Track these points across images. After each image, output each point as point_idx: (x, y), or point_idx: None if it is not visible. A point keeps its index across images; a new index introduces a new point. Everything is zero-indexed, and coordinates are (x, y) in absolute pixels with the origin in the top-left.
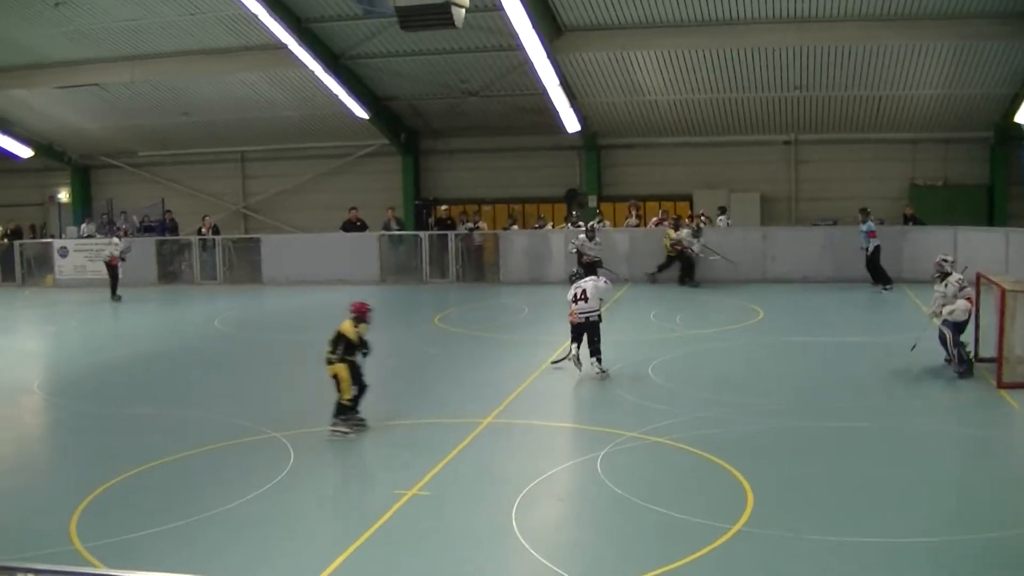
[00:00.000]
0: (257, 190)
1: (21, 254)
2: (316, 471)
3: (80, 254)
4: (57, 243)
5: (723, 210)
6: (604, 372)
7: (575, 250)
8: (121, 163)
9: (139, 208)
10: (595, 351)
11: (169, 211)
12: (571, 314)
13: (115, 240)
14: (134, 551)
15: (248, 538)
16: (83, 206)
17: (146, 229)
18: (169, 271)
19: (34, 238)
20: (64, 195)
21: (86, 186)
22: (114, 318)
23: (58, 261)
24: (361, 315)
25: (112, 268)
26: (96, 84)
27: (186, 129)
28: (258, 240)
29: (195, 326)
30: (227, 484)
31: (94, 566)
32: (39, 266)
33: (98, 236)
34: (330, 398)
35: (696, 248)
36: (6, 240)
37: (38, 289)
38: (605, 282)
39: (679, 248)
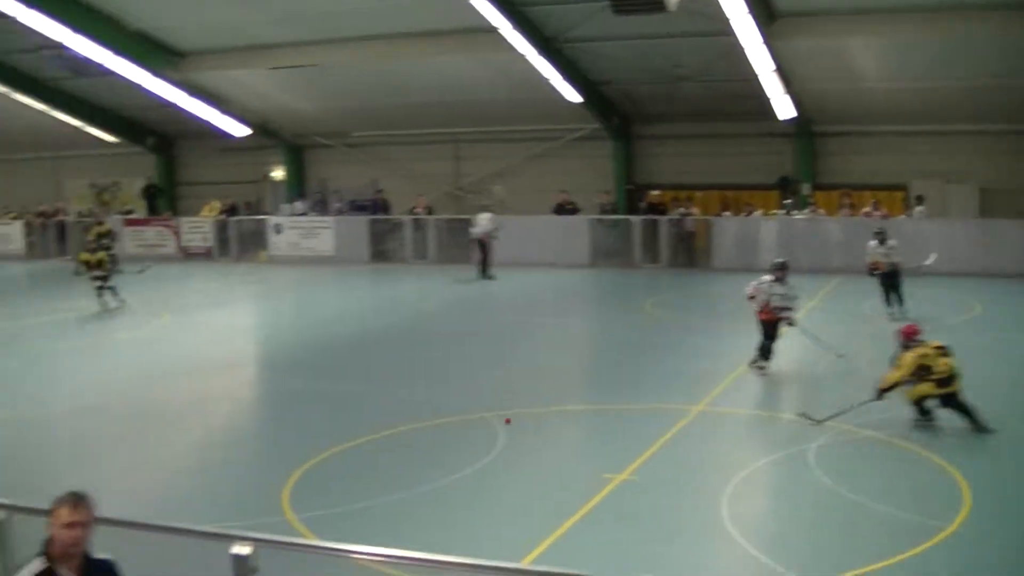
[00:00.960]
0: (469, 172)
1: (237, 230)
2: (526, 452)
3: (294, 231)
4: (272, 220)
5: (920, 200)
6: (763, 368)
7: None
8: (335, 143)
9: (351, 187)
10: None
11: (381, 190)
12: (763, 311)
13: (483, 217)
14: (344, 524)
15: (456, 516)
16: (297, 184)
17: (358, 208)
18: (380, 250)
19: (249, 215)
20: (278, 174)
21: (300, 165)
22: (326, 296)
23: (272, 238)
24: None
25: (483, 245)
26: (310, 65)
27: (399, 110)
28: (470, 221)
29: (406, 305)
30: (437, 462)
31: (305, 537)
32: (253, 242)
33: (311, 215)
34: (539, 381)
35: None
36: (223, 216)
37: (252, 265)
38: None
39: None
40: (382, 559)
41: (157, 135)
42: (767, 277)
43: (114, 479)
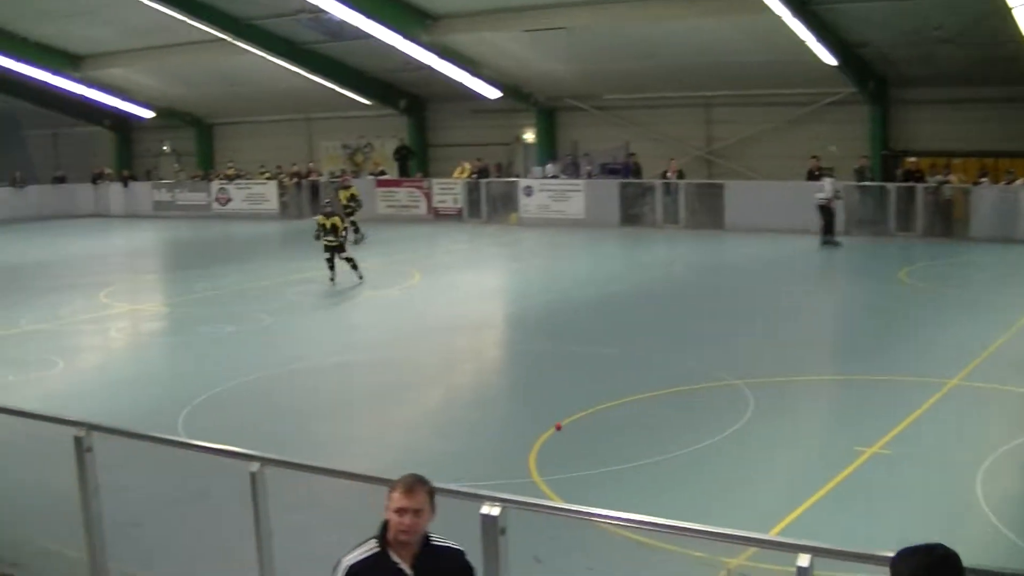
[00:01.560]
0: (721, 135)
1: (487, 192)
2: (775, 421)
3: (544, 194)
4: (522, 183)
5: None
6: None
7: None
8: (586, 106)
9: (602, 151)
10: None
11: (633, 154)
12: None
13: (826, 181)
14: (589, 488)
15: (703, 484)
16: (548, 147)
17: (609, 171)
18: (631, 213)
19: (499, 177)
20: (529, 136)
21: (551, 127)
22: (575, 258)
23: (522, 200)
24: None
25: (827, 210)
26: (562, 28)
27: (651, 73)
28: (721, 186)
29: (656, 269)
30: (683, 429)
31: (552, 500)
32: (504, 204)
33: (562, 177)
34: (786, 349)
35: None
36: (474, 178)
37: (502, 226)
38: None
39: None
40: (629, 524)
41: (409, 97)
42: None
43: (364, 434)
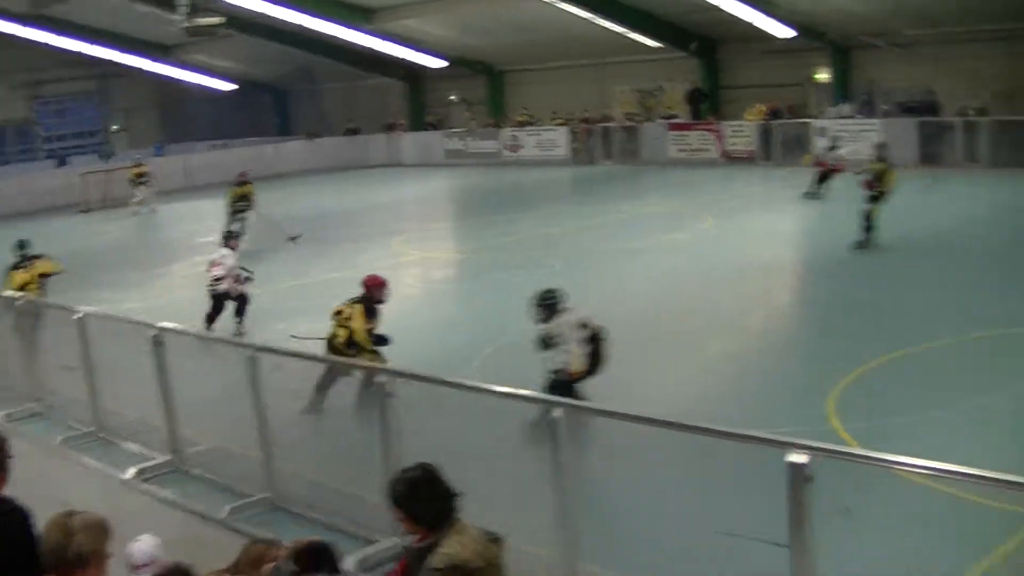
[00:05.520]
0: None
1: (780, 134)
2: None
3: (840, 135)
4: (816, 124)
5: None
6: None
7: None
8: (883, 43)
9: (900, 89)
10: None
11: (933, 91)
12: None
13: None
14: (890, 436)
15: (1005, 435)
16: (843, 87)
17: (907, 110)
18: (930, 152)
19: (792, 118)
20: (823, 76)
21: (846, 67)
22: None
23: (818, 141)
24: None
25: None
26: None
27: (949, 4)
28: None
29: (951, 214)
30: (983, 378)
31: (852, 447)
32: (797, 146)
33: (857, 118)
34: None
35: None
36: (766, 119)
37: (795, 169)
38: None
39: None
40: (934, 473)
41: (700, 39)
42: None
43: (658, 378)
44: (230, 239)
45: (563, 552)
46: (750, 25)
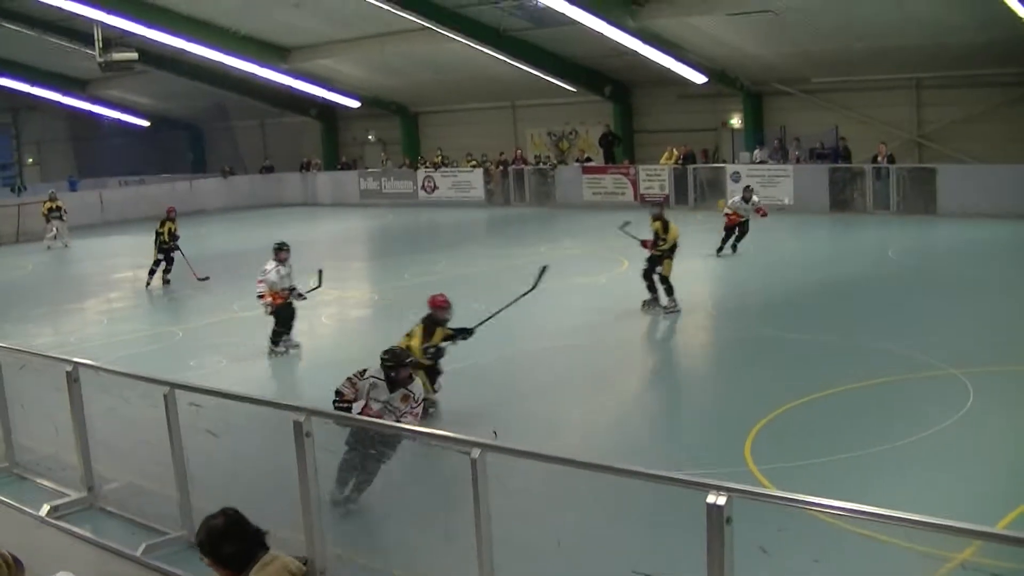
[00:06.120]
0: (931, 118)
1: (694, 178)
2: (998, 411)
3: (753, 179)
4: (730, 168)
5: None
6: None
7: None
8: (793, 89)
9: (810, 135)
10: None
11: (843, 138)
12: None
13: None
14: (803, 477)
15: (922, 475)
16: (755, 132)
17: (818, 156)
18: (841, 199)
19: (706, 163)
20: (736, 121)
21: (758, 112)
22: (786, 244)
23: (730, 186)
24: None
25: None
26: (768, 11)
27: (858, 54)
28: (934, 170)
29: (868, 255)
30: (902, 419)
31: (767, 488)
32: (711, 190)
33: (770, 162)
34: (1011, 335)
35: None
36: (680, 164)
37: (710, 212)
38: None
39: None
40: (847, 514)
41: (615, 83)
42: None
43: (576, 417)
44: (279, 251)
45: None
46: (665, 70)
